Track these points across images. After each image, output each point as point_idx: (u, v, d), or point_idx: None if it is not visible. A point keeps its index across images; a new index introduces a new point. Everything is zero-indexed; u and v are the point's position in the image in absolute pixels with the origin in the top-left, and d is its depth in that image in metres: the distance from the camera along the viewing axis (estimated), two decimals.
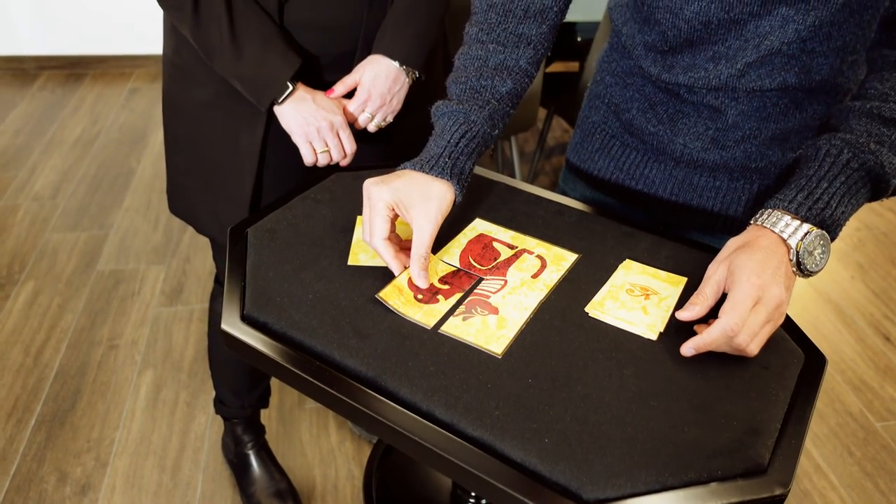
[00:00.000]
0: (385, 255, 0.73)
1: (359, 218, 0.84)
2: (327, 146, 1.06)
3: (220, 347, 1.44)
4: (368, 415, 0.60)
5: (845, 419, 1.83)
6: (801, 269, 0.67)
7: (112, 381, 1.84)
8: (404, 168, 0.78)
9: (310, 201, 0.87)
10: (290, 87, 1.02)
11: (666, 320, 0.70)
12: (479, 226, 0.83)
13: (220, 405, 1.54)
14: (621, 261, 0.79)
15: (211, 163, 1.15)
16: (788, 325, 0.70)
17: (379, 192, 0.74)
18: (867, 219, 2.64)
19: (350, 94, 1.09)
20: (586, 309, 0.72)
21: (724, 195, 0.91)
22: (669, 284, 0.75)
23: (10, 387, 1.81)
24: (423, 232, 0.73)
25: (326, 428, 1.74)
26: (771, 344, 0.67)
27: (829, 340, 2.08)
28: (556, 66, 2.79)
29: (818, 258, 0.68)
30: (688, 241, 0.83)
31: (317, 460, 1.66)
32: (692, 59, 0.83)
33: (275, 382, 1.84)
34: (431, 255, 0.77)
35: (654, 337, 0.68)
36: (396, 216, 0.75)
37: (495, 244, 0.80)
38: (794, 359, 0.67)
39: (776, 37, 0.76)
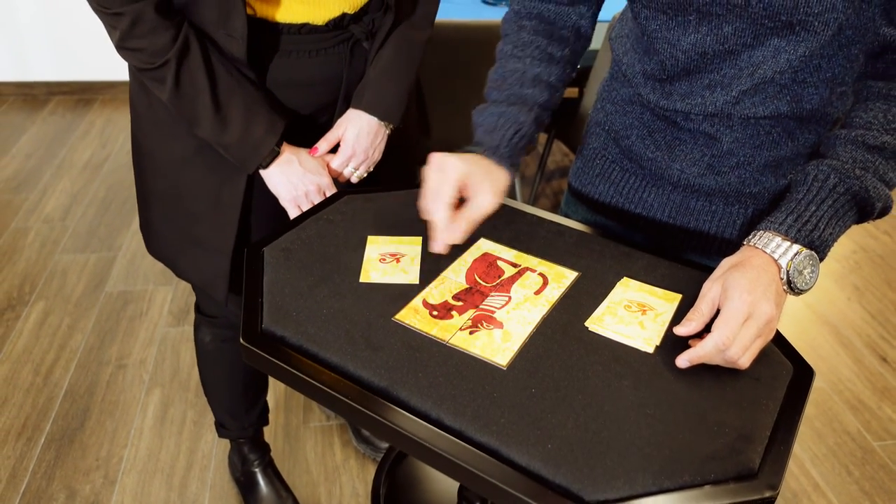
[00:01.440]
0: (441, 223, 0.80)
1: (370, 238, 0.88)
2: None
3: (211, 374, 1.47)
4: (381, 422, 0.64)
5: (843, 439, 1.85)
6: (792, 288, 0.71)
7: (120, 400, 1.87)
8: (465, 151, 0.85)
9: (323, 222, 0.91)
10: (276, 151, 1.03)
11: (662, 334, 0.74)
12: (483, 245, 0.88)
13: (221, 428, 1.56)
14: (619, 278, 0.82)
15: (191, 215, 1.14)
16: (778, 339, 0.74)
17: (455, 164, 0.81)
18: (863, 241, 2.69)
19: (333, 149, 1.12)
20: (586, 324, 0.75)
21: (720, 219, 0.95)
22: (665, 301, 0.79)
23: (20, 406, 1.84)
24: (487, 203, 0.82)
25: (331, 446, 1.77)
26: (762, 357, 0.70)
27: (826, 361, 2.11)
28: None
29: (808, 277, 0.72)
30: (682, 260, 0.86)
31: (322, 478, 1.69)
32: (689, 86, 0.88)
33: (277, 401, 1.87)
34: (443, 275, 0.82)
35: (650, 350, 0.72)
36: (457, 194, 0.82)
37: (499, 262, 0.84)
38: (784, 371, 0.70)
39: (769, 66, 0.81)
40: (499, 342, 0.72)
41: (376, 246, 0.86)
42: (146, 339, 2.08)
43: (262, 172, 1.06)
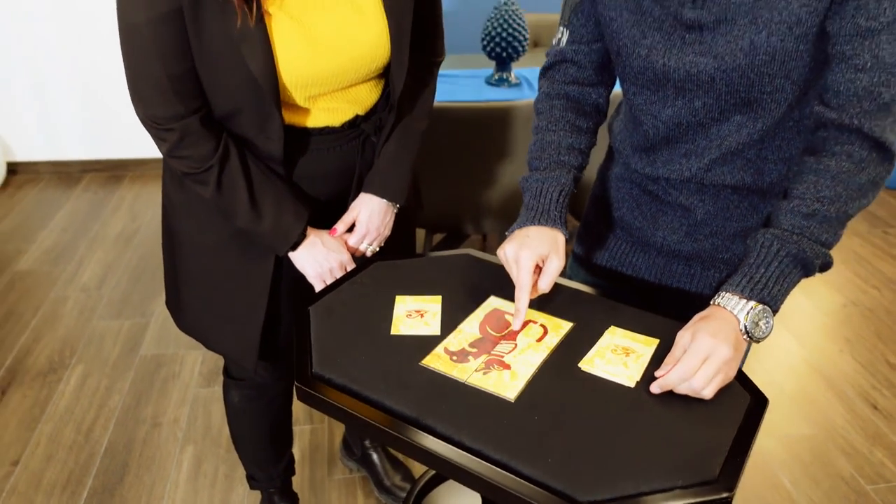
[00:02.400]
0: (523, 304, 0.97)
1: (397, 297, 1.05)
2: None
3: (240, 430, 1.61)
4: (414, 445, 0.79)
5: (837, 483, 1.96)
6: (751, 336, 0.87)
7: (156, 456, 2.00)
8: (522, 227, 1.02)
9: (357, 285, 1.08)
10: (303, 235, 1.17)
11: (642, 372, 0.89)
12: (492, 302, 1.04)
13: (251, 480, 1.69)
14: (607, 327, 0.99)
15: (223, 295, 1.26)
16: (738, 374, 0.89)
17: (527, 256, 0.97)
18: (853, 295, 2.83)
19: (350, 229, 1.27)
20: (580, 365, 0.91)
21: (698, 281, 1.12)
22: (645, 345, 0.94)
23: (63, 462, 1.97)
24: (556, 267, 0.98)
25: (355, 497, 1.88)
26: (725, 388, 0.85)
27: (821, 411, 2.22)
28: None
29: (763, 327, 0.87)
30: (661, 312, 1.02)
31: None
32: (669, 154, 1.06)
33: (303, 455, 2.00)
34: (460, 327, 0.98)
35: (632, 385, 0.87)
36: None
37: (507, 316, 1.01)
38: (742, 399, 0.85)
39: (734, 138, 0.99)
40: (507, 380, 0.88)
41: (403, 304, 1.03)
42: (179, 399, 2.22)
43: (291, 254, 1.20)
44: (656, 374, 0.87)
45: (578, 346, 0.95)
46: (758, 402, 0.85)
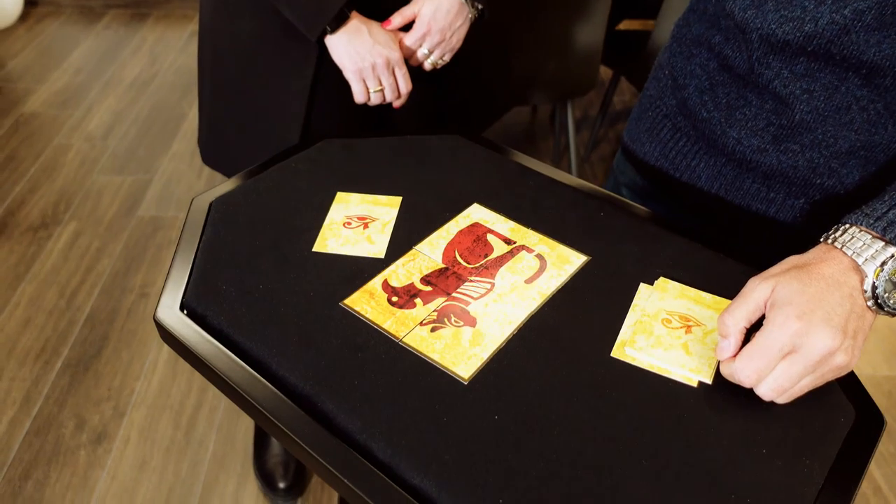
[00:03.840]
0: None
1: (339, 195, 0.72)
2: (381, 84, 0.98)
3: None
4: (295, 441, 0.50)
5: None
6: (881, 305, 0.52)
7: (139, 330, 1.82)
8: None
9: (289, 171, 0.76)
10: (345, 15, 0.94)
11: (714, 361, 0.56)
12: (474, 213, 0.71)
13: None
14: (638, 268, 0.65)
15: (256, 107, 1.10)
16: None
17: None
18: None
19: (407, 27, 1.02)
20: (614, 354, 0.57)
21: (778, 210, 0.75)
22: (713, 310, 0.60)
23: (41, 328, 1.82)
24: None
25: None
26: (813, 394, 0.52)
27: None
28: (632, 24, 2.56)
29: None
30: (721, 248, 0.68)
31: None
32: None
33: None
34: (416, 249, 0.66)
35: (694, 383, 0.54)
36: None
37: (490, 237, 0.68)
38: (841, 418, 0.52)
39: None
40: (465, 345, 0.57)
41: (344, 205, 0.71)
42: None
43: (328, 40, 0.97)
44: (717, 356, 0.54)
45: (588, 296, 0.62)
46: (868, 426, 0.52)
